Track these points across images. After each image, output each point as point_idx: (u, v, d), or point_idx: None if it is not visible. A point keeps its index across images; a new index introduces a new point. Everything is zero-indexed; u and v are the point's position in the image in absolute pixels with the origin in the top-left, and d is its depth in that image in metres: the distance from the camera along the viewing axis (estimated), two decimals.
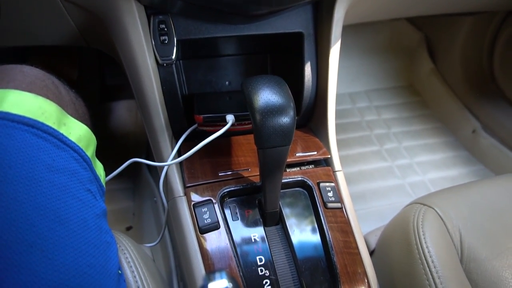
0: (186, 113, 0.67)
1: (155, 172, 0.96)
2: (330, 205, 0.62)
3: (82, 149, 0.42)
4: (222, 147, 0.67)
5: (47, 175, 0.37)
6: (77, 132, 0.43)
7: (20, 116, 0.37)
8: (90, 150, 0.44)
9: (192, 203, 0.58)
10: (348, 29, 0.96)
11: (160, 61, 0.62)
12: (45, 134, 0.39)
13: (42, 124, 0.39)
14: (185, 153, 0.59)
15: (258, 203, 0.60)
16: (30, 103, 0.39)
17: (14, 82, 0.41)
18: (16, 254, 0.33)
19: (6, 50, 1.06)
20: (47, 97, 0.42)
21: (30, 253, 0.34)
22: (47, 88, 0.43)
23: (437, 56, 1.54)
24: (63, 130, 0.40)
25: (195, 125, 0.66)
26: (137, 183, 1.12)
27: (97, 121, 0.53)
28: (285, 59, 0.78)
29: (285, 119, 0.48)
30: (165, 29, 0.62)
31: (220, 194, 0.59)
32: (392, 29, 1.58)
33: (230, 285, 0.31)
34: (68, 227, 0.37)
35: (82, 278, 0.37)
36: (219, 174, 0.62)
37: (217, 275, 0.32)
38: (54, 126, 0.40)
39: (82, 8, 0.63)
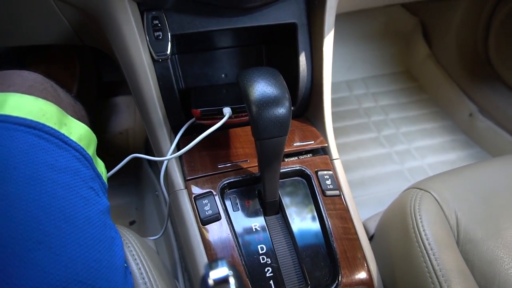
0: (184, 107, 0.68)
1: (155, 166, 0.97)
2: (328, 192, 0.63)
3: (83, 148, 0.43)
4: (220, 139, 0.68)
5: (50, 175, 0.38)
6: (78, 131, 0.44)
7: (21, 118, 0.38)
8: (91, 149, 0.45)
9: (193, 195, 0.59)
10: (343, 17, 0.96)
11: (155, 57, 0.62)
12: (46, 135, 0.40)
13: (43, 125, 0.40)
14: (184, 147, 0.60)
15: (258, 193, 0.61)
16: (30, 106, 0.40)
17: (14, 86, 0.42)
18: (25, 251, 0.35)
19: (4, 59, 1.06)
20: (47, 100, 0.42)
21: (38, 250, 0.35)
22: (47, 91, 0.44)
23: (433, 41, 1.54)
24: (64, 130, 0.41)
25: (193, 119, 0.67)
26: (138, 178, 1.13)
27: (95, 118, 0.54)
28: (280, 50, 0.78)
29: (281, 110, 0.49)
30: (159, 25, 0.62)
31: (220, 186, 0.60)
32: (387, 15, 1.58)
33: (231, 272, 0.32)
34: (74, 224, 0.39)
35: (89, 272, 0.38)
36: (219, 166, 0.63)
37: (218, 263, 0.33)
38: (55, 127, 0.41)
39: (75, 7, 0.63)
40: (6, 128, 0.38)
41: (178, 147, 0.65)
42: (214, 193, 0.59)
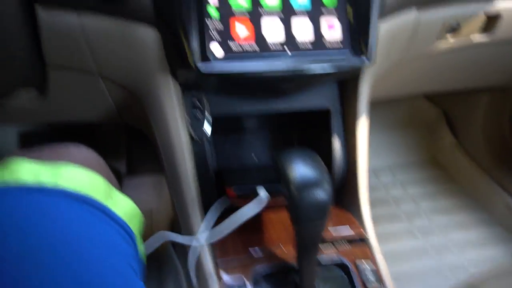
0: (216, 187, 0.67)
1: (180, 250, 0.92)
2: (370, 286, 0.57)
3: (127, 224, 0.42)
4: (252, 222, 0.65)
5: (94, 251, 0.37)
6: (123, 206, 0.43)
7: (73, 192, 0.39)
8: (135, 225, 0.44)
9: (225, 286, 0.55)
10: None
11: (194, 137, 0.63)
12: (94, 210, 0.40)
13: (92, 200, 0.40)
14: (214, 226, 0.58)
15: (293, 283, 0.56)
16: (82, 178, 0.41)
17: (71, 158, 0.44)
18: None
19: (43, 137, 1.12)
20: (98, 173, 0.44)
21: None
22: (100, 166, 0.46)
23: (459, 131, 1.54)
24: (109, 204, 0.41)
25: (228, 203, 0.65)
26: (160, 262, 1.08)
27: None
28: (310, 134, 0.79)
29: (322, 193, 0.47)
30: (199, 106, 0.64)
31: (253, 274, 0.56)
32: (411, 106, 1.62)
33: None
34: None
35: None
36: (251, 251, 0.59)
37: None
38: (102, 200, 0.41)
39: (122, 86, 0.67)
40: (59, 199, 0.38)
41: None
42: (247, 282, 0.55)
